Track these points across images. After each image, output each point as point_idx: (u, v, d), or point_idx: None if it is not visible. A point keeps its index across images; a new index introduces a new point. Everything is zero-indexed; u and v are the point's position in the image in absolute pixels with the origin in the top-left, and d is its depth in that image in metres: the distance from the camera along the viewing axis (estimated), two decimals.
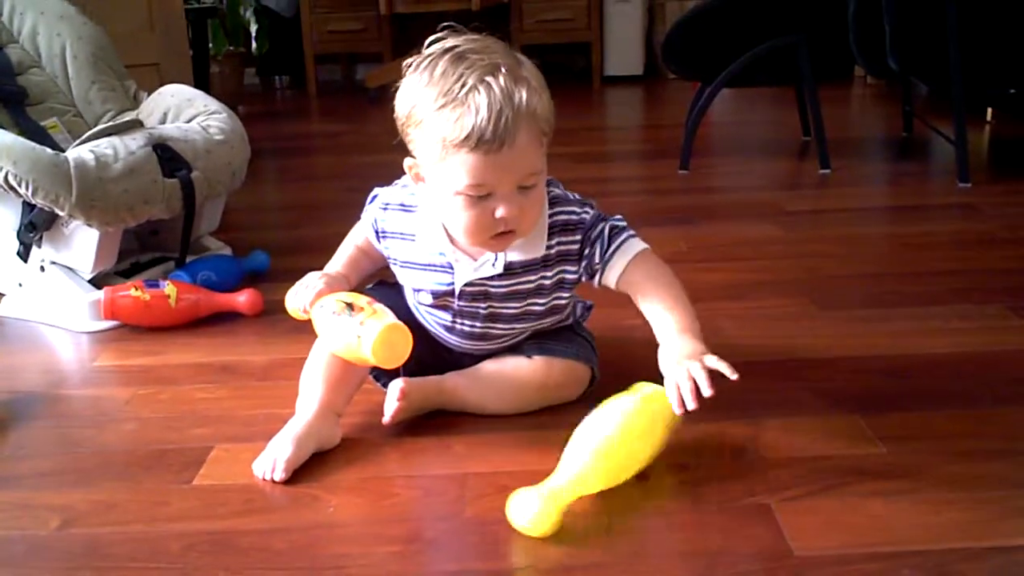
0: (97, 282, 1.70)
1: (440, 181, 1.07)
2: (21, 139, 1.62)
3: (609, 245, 1.15)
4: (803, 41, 2.60)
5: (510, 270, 1.16)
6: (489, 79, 1.01)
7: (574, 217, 1.16)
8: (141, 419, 1.31)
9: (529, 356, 1.24)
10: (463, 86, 1.01)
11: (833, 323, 1.53)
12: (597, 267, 1.17)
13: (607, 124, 4.02)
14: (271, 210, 2.51)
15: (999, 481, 1.05)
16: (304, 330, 1.57)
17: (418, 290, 1.23)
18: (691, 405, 1.02)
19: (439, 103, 1.02)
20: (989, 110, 3.26)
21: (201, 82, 3.43)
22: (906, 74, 2.51)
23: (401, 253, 1.22)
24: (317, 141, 3.83)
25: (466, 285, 1.17)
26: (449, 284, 1.18)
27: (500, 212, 1.05)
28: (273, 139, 3.72)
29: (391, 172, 1.22)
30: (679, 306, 1.12)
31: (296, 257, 2.00)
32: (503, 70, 1.02)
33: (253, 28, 4.72)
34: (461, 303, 1.20)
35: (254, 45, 4.79)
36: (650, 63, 4.95)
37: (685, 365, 1.05)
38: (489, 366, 1.25)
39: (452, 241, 1.16)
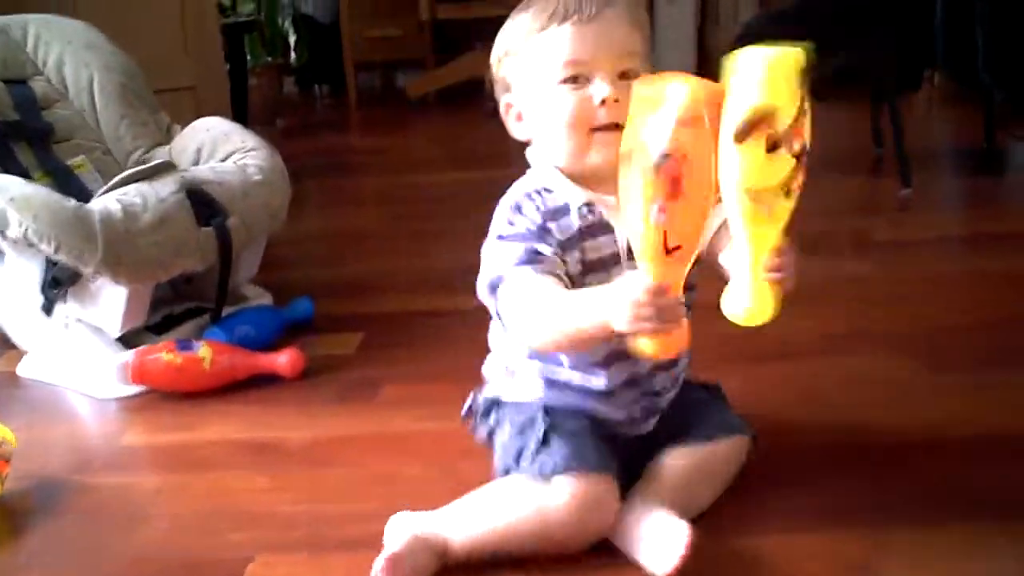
0: (127, 339, 1.57)
1: (537, 83, 0.99)
2: (43, 189, 1.48)
3: None
4: (884, 51, 2.40)
5: None
6: None
7: None
8: (173, 516, 1.16)
9: (709, 438, 1.07)
10: None
11: (940, 392, 1.34)
12: None
13: None
14: (313, 240, 2.36)
15: None
16: (348, 399, 1.44)
17: (588, 275, 1.00)
18: None
19: (529, 18, 0.99)
20: None
21: (239, 100, 3.30)
22: (1000, 88, 2.31)
23: (554, 237, 0.99)
24: (360, 157, 3.69)
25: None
26: (615, 244, 1.00)
27: (600, 93, 0.95)
28: (313, 155, 3.58)
29: (440, 193, 1.06)
30: None
31: (342, 302, 1.86)
32: None
33: (292, 38, 4.59)
34: (631, 266, 0.94)
35: (293, 55, 4.67)
36: (702, 64, 4.75)
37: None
38: (677, 461, 1.05)
39: (593, 190, 0.99)
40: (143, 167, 1.58)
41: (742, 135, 0.82)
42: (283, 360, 1.52)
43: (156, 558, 1.07)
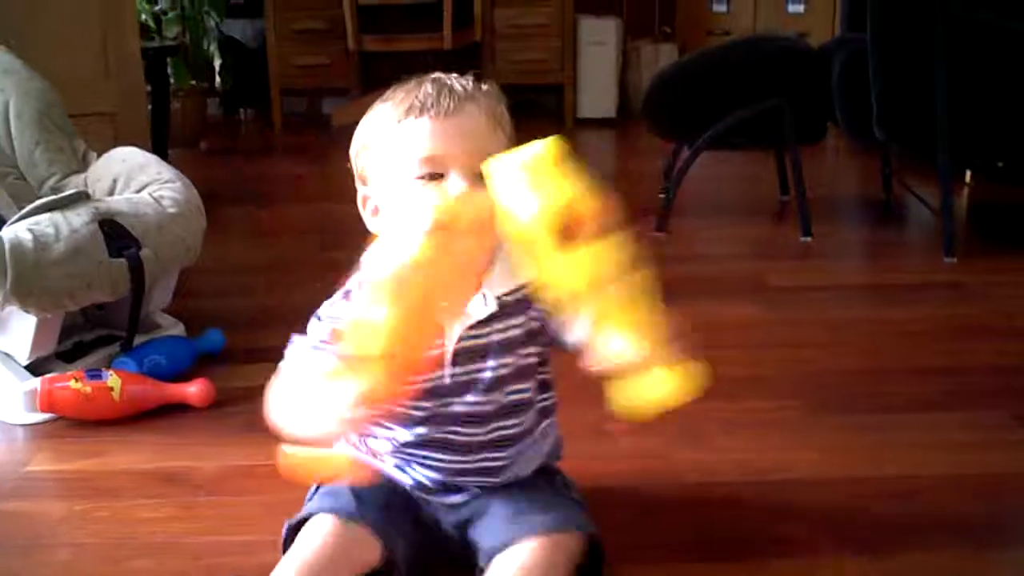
0: (36, 366, 1.57)
1: (394, 177, 0.97)
2: None
3: None
4: (787, 105, 2.53)
5: (504, 307, 0.99)
6: (440, 76, 0.99)
7: None
8: (76, 545, 1.18)
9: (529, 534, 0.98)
10: (414, 85, 0.99)
11: (826, 433, 1.43)
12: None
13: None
14: (232, 272, 2.36)
15: None
16: (258, 430, 1.46)
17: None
18: None
19: (387, 110, 0.98)
20: (968, 173, 3.22)
21: (160, 123, 3.29)
22: (893, 143, 2.45)
23: None
24: (284, 186, 3.69)
25: (460, 341, 0.99)
26: (438, 350, 0.98)
27: (455, 190, 0.92)
28: (236, 182, 3.57)
29: (360, 224, 1.06)
30: None
31: (257, 333, 1.87)
32: (455, 75, 0.99)
33: (217, 62, 4.59)
34: (455, 370, 0.99)
35: (218, 80, 4.66)
36: (623, 106, 4.88)
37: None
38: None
39: None
40: (57, 196, 1.59)
41: (538, 244, 0.82)
42: (193, 390, 1.54)
43: None
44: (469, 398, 1.01)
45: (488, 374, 1.00)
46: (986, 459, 1.35)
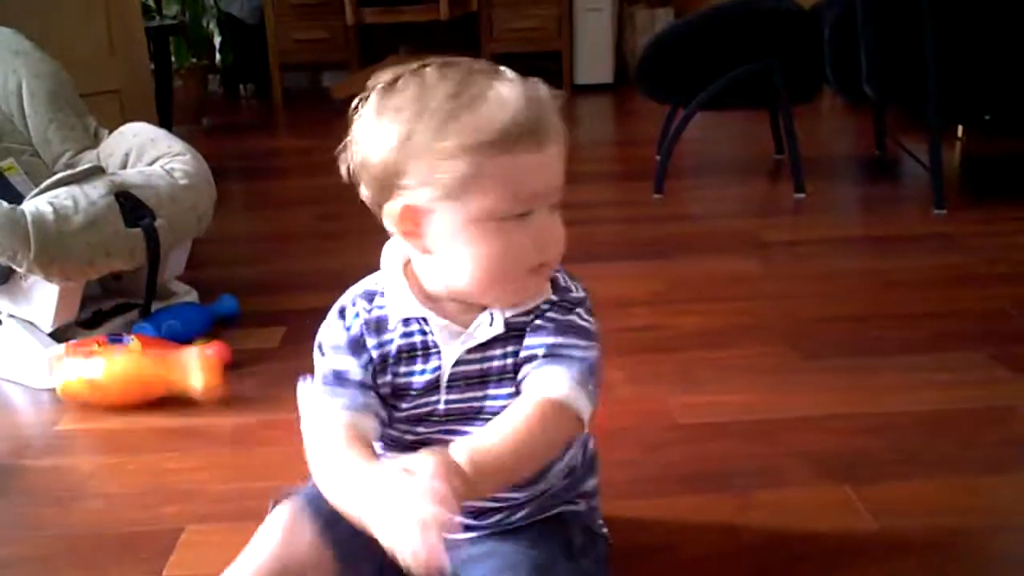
0: (58, 333, 1.64)
1: (461, 213, 0.80)
2: None
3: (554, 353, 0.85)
4: (778, 65, 2.58)
5: (511, 329, 0.86)
6: (501, 71, 0.82)
7: (563, 284, 0.90)
8: (107, 495, 1.25)
9: None
10: (472, 84, 0.79)
11: (816, 375, 1.51)
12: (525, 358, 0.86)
13: (578, 140, 3.98)
14: (239, 242, 2.44)
15: (999, 560, 1.03)
16: (273, 388, 1.54)
17: (396, 398, 0.89)
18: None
19: (446, 109, 0.78)
20: (960, 128, 3.27)
21: (164, 101, 3.35)
22: (883, 100, 2.50)
23: (368, 354, 0.88)
24: (285, 159, 3.76)
25: (458, 364, 0.87)
26: (435, 371, 0.87)
27: (546, 235, 0.82)
28: (239, 157, 3.64)
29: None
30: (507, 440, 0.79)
31: (267, 297, 1.95)
32: (503, 68, 0.83)
33: (217, 39, 4.63)
34: (451, 396, 0.88)
35: (218, 57, 4.70)
36: (620, 72, 4.92)
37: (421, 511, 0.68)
38: None
39: (431, 308, 0.87)
40: (74, 171, 1.66)
41: None
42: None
43: (92, 534, 1.16)
44: (465, 429, 0.87)
45: (488, 403, 0.87)
46: (966, 395, 1.41)
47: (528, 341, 0.86)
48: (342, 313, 0.89)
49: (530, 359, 0.85)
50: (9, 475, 1.32)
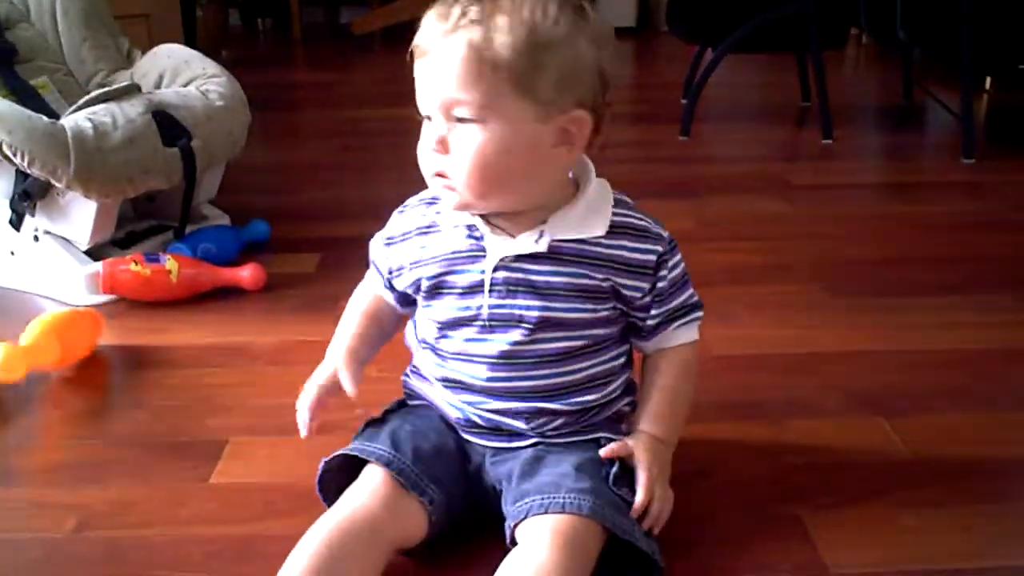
0: (93, 252, 1.66)
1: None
2: (15, 106, 1.55)
3: (676, 316, 0.97)
4: (813, 7, 2.56)
5: (558, 254, 0.91)
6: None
7: (642, 223, 0.96)
8: (151, 407, 1.27)
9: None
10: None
11: (847, 313, 1.52)
12: (651, 324, 0.96)
13: None
14: (266, 172, 2.44)
15: None
16: (310, 310, 1.56)
17: (438, 296, 0.96)
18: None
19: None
20: (988, 79, 3.24)
21: (188, 30, 3.33)
22: (915, 46, 2.48)
23: (414, 252, 0.97)
24: (306, 92, 3.74)
25: (500, 269, 0.91)
26: (480, 273, 0.92)
27: (422, 143, 0.90)
28: (260, 88, 3.59)
29: (383, 127, 1.12)
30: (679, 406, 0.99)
31: (297, 226, 1.96)
32: None
33: None
34: (493, 301, 0.92)
35: None
36: (643, 15, 4.87)
37: (662, 493, 0.93)
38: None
39: (485, 219, 0.93)
40: (111, 88, 1.66)
41: None
42: (246, 274, 1.63)
43: (140, 442, 1.18)
44: (506, 336, 0.93)
45: (527, 313, 0.92)
46: (997, 335, 1.43)
47: (653, 310, 0.96)
48: (402, 211, 1.01)
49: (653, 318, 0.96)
50: (54, 385, 1.34)
